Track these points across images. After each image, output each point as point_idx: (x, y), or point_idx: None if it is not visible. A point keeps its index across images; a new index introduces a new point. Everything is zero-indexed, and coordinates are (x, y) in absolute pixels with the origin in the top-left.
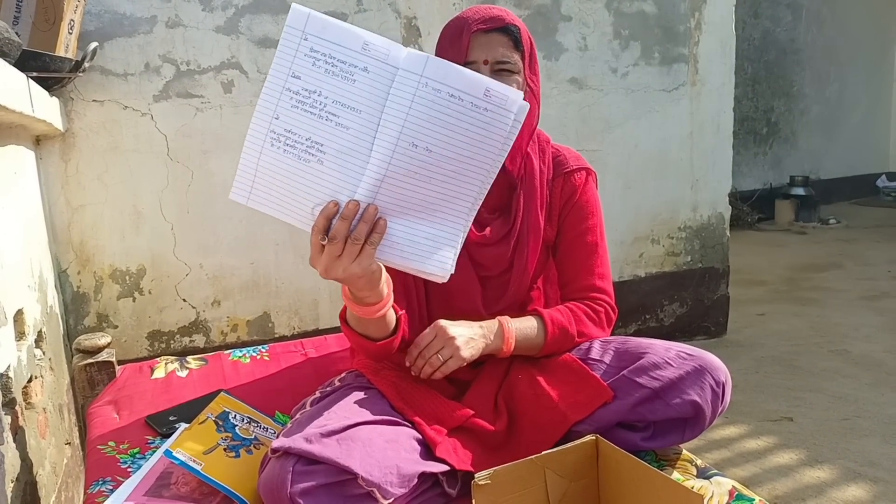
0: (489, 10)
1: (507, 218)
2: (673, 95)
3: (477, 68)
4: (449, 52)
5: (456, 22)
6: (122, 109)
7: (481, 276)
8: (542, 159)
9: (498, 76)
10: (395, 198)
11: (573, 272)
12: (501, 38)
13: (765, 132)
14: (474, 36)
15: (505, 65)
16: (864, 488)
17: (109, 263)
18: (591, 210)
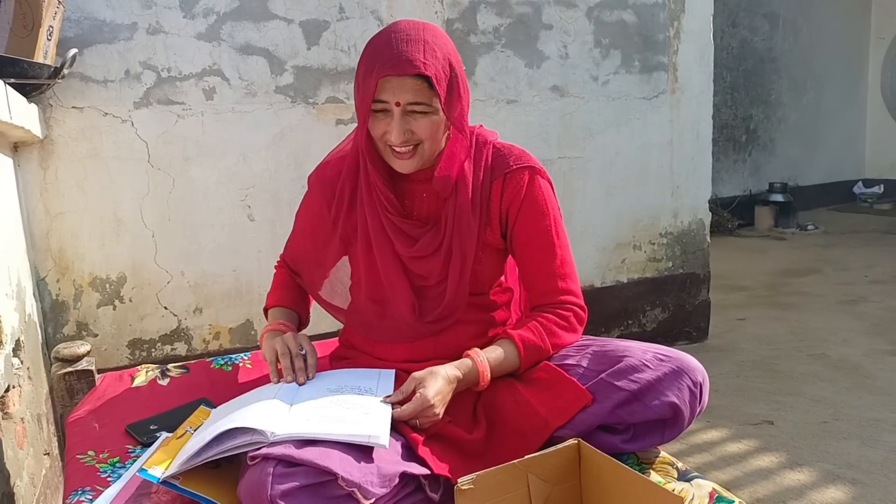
0: (404, 47)
1: (438, 231)
2: (653, 103)
3: (388, 107)
4: (361, 88)
5: (369, 56)
6: (102, 116)
7: (417, 286)
8: (476, 163)
9: (411, 116)
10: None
11: (534, 277)
12: (414, 81)
13: (744, 139)
14: (384, 80)
15: (417, 107)
16: (843, 490)
17: (89, 271)
18: (542, 210)
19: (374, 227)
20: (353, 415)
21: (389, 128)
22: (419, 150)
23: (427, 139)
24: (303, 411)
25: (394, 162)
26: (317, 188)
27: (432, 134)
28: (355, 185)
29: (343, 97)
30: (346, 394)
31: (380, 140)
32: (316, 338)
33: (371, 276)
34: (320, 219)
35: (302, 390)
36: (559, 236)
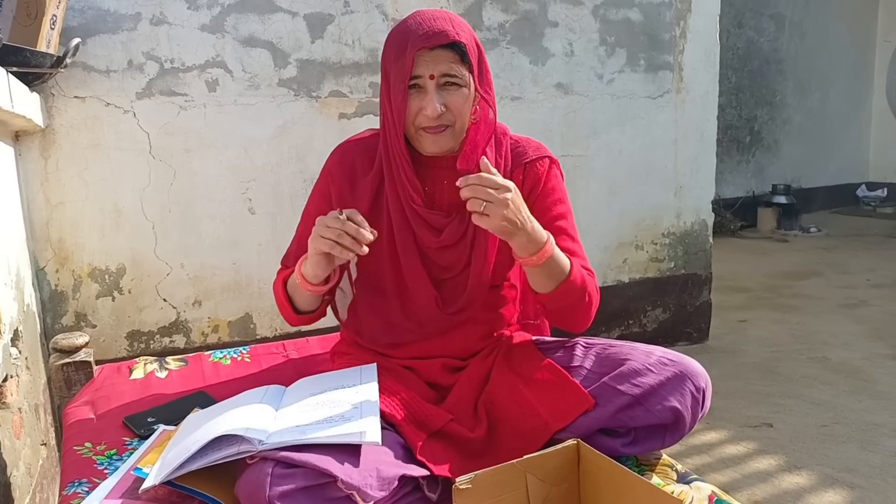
0: (433, 23)
1: (463, 218)
2: (658, 102)
3: (423, 83)
4: (394, 67)
5: (399, 36)
6: (105, 106)
7: (437, 278)
8: (497, 152)
9: (444, 90)
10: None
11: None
12: (447, 53)
13: (748, 140)
14: (419, 53)
15: (452, 78)
16: (842, 494)
17: (88, 262)
18: (559, 197)
19: (398, 218)
20: (340, 415)
21: (424, 103)
22: (451, 129)
23: (458, 115)
24: (289, 417)
25: (425, 141)
26: (336, 173)
27: (463, 108)
28: (380, 174)
29: (346, 91)
30: (330, 395)
31: (412, 123)
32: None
33: (393, 268)
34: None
35: (287, 396)
36: (574, 226)
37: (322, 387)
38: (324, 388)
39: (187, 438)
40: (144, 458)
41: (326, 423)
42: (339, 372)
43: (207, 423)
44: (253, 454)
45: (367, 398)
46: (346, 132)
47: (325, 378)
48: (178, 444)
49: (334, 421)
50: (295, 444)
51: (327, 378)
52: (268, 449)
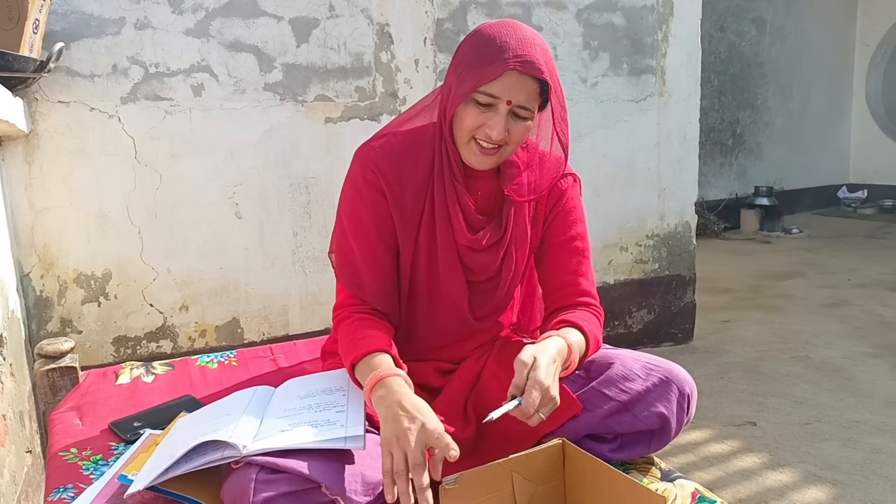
0: (530, 51)
1: (499, 225)
2: (641, 106)
3: (496, 102)
4: (473, 70)
5: (492, 42)
6: (89, 111)
7: (469, 280)
8: (540, 173)
9: (512, 117)
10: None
11: (565, 278)
12: (531, 83)
13: (730, 143)
14: (507, 73)
15: (523, 111)
16: (824, 491)
17: (74, 267)
18: (579, 216)
19: (441, 214)
20: (325, 420)
21: (491, 123)
22: (501, 151)
23: (514, 143)
24: (274, 422)
25: (473, 156)
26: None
27: (521, 139)
28: (431, 167)
29: (332, 95)
30: (316, 398)
31: (469, 132)
32: (303, 336)
33: (431, 265)
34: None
35: (273, 400)
36: (589, 245)
37: (309, 389)
38: (311, 391)
39: (172, 444)
40: (131, 463)
41: (311, 427)
42: (326, 374)
43: (194, 427)
44: (237, 459)
45: (354, 402)
46: (332, 136)
47: (312, 380)
48: (164, 449)
49: (319, 425)
50: (279, 450)
51: (315, 380)
52: (252, 454)
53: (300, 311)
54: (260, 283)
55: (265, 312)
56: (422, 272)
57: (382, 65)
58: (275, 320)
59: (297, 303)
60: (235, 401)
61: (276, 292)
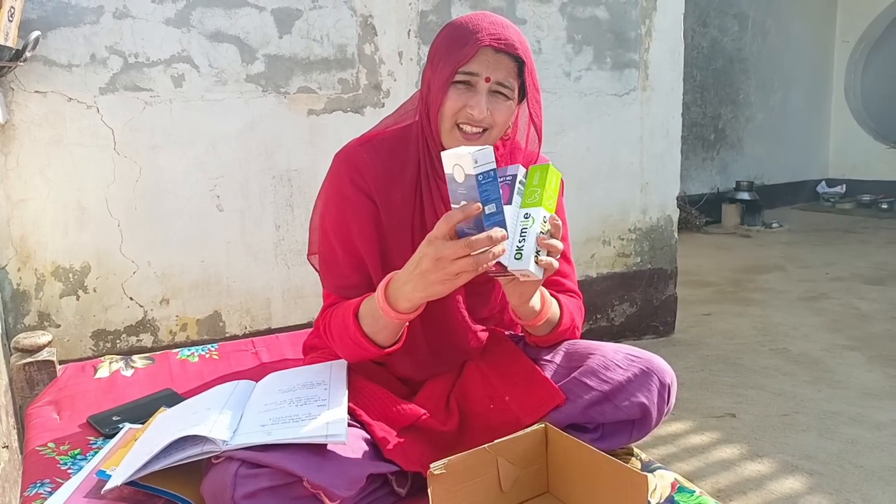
0: (503, 30)
1: None
2: (624, 100)
3: (476, 82)
4: (449, 56)
5: (462, 28)
6: (67, 101)
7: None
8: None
9: (492, 97)
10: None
11: (550, 279)
12: (508, 62)
13: (712, 138)
14: (483, 50)
15: (503, 89)
16: (801, 481)
17: (52, 260)
18: (562, 216)
19: (431, 217)
20: (307, 414)
21: (472, 102)
22: (485, 136)
23: (498, 126)
24: (255, 417)
25: (457, 144)
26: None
27: (505, 121)
28: (418, 169)
29: (315, 87)
30: (297, 392)
31: (451, 116)
32: (285, 329)
33: None
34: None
35: (254, 394)
36: (569, 243)
37: (291, 383)
38: (292, 385)
39: (151, 440)
40: (110, 458)
41: (293, 421)
42: (308, 368)
43: (173, 422)
44: (218, 454)
45: (336, 396)
46: (315, 129)
47: (294, 374)
48: (144, 444)
49: (301, 420)
50: (260, 444)
51: (296, 374)
52: (232, 449)
53: (283, 304)
54: (242, 277)
55: (247, 306)
56: None
57: (366, 57)
58: (257, 314)
59: (279, 296)
60: (216, 395)
61: (258, 286)
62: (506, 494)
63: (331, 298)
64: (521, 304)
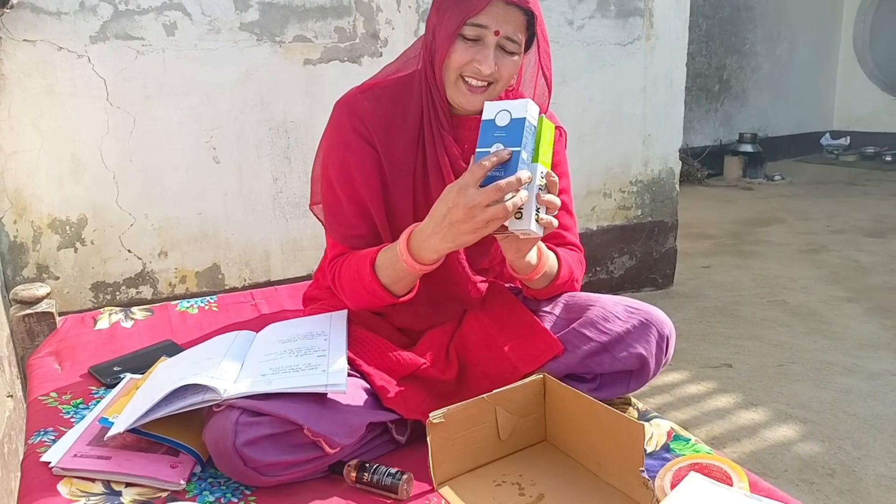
0: None
1: None
2: (628, 49)
3: (484, 35)
4: (454, 6)
5: None
6: (57, 51)
7: None
8: None
9: (499, 52)
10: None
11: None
12: (517, 15)
13: (717, 89)
14: (494, 2)
15: (510, 44)
16: (794, 429)
17: (48, 213)
18: (564, 170)
19: (433, 165)
20: (307, 364)
21: (479, 56)
22: (490, 90)
23: (503, 79)
24: (255, 366)
25: (461, 96)
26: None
27: (510, 75)
28: (420, 117)
29: (311, 36)
30: (298, 342)
31: (456, 69)
32: (285, 282)
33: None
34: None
35: (254, 344)
36: (572, 195)
37: (291, 334)
38: (293, 336)
39: (153, 388)
40: (112, 406)
41: (293, 371)
42: (309, 318)
43: (174, 371)
44: (219, 402)
45: (336, 346)
46: (311, 78)
47: (294, 324)
48: (145, 393)
49: (301, 369)
50: (261, 393)
51: (297, 325)
52: (233, 397)
53: (281, 256)
54: (240, 229)
55: (246, 258)
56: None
57: (363, 4)
58: (256, 266)
59: (278, 249)
60: (216, 345)
61: (256, 238)
62: (504, 442)
63: (337, 248)
64: (518, 258)
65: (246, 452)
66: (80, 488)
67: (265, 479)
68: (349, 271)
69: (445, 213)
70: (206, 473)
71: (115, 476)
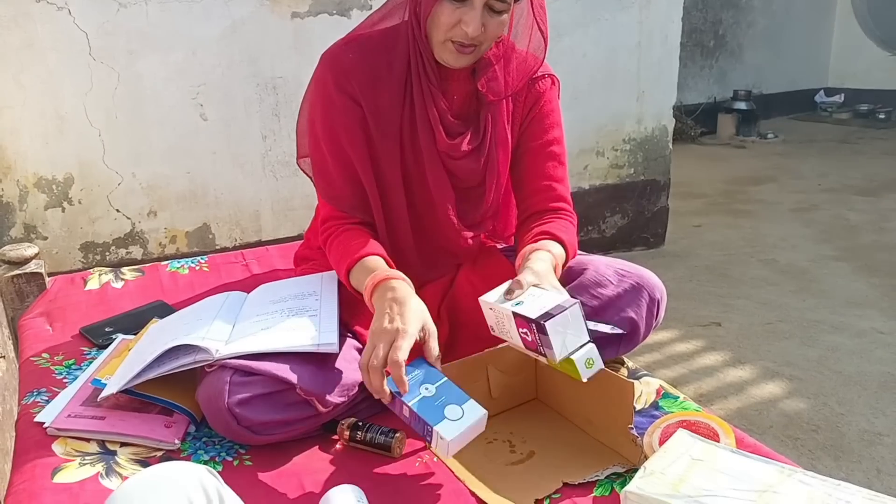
0: None
1: (477, 130)
2: (622, 3)
3: None
4: None
5: None
6: (36, 2)
7: (456, 186)
8: (506, 69)
9: (486, 11)
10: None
11: (541, 183)
12: None
13: (712, 45)
14: None
15: (498, 3)
16: (781, 385)
17: (33, 171)
18: (556, 120)
19: (422, 119)
20: (298, 324)
21: (466, 18)
22: (477, 49)
23: (490, 39)
24: (247, 326)
25: (448, 54)
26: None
27: (497, 34)
28: (407, 70)
29: None
30: (289, 302)
31: (444, 29)
32: (276, 242)
33: (419, 173)
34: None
35: (245, 305)
36: (565, 147)
37: (282, 294)
38: (284, 296)
39: (145, 349)
40: (104, 367)
41: (285, 331)
42: (300, 279)
43: (166, 332)
44: (211, 363)
45: (327, 306)
46: (299, 33)
47: (285, 285)
48: (137, 354)
49: (293, 329)
50: (253, 353)
51: (288, 285)
52: (225, 357)
53: (272, 216)
54: (230, 189)
55: (236, 218)
56: (410, 180)
57: None
58: (246, 226)
59: (268, 208)
60: (208, 306)
61: (246, 197)
62: (495, 400)
63: (326, 209)
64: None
65: (239, 412)
66: (75, 448)
67: (258, 438)
68: (335, 254)
69: (370, 349)
70: (200, 433)
71: (109, 436)
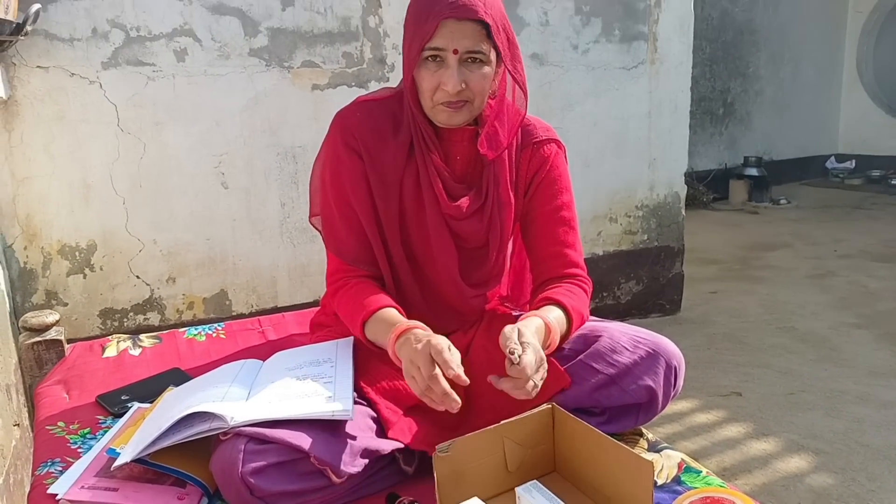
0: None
1: (479, 192)
2: (632, 73)
3: (444, 56)
4: (415, 33)
5: (420, 5)
6: (69, 76)
7: (459, 246)
8: (509, 129)
9: (466, 66)
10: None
11: (553, 249)
12: (474, 27)
13: (721, 112)
14: (443, 23)
15: (475, 55)
16: (807, 459)
17: (58, 238)
18: (565, 185)
19: (425, 180)
20: (313, 390)
21: (444, 78)
22: (469, 105)
23: (478, 93)
24: (262, 393)
25: (441, 115)
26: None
27: (484, 87)
28: (410, 137)
29: (319, 61)
30: (304, 369)
31: (429, 94)
32: (292, 308)
33: (421, 231)
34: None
35: (261, 372)
36: (575, 213)
37: (297, 361)
38: (299, 363)
39: (160, 416)
40: (119, 436)
41: (300, 398)
42: (315, 346)
43: (182, 400)
44: (226, 430)
45: (342, 373)
46: (319, 104)
47: (301, 352)
48: (152, 422)
49: (307, 396)
50: (268, 421)
51: (303, 352)
52: (240, 425)
53: (289, 282)
54: (248, 255)
55: (253, 284)
56: (414, 238)
57: (370, 30)
58: (263, 292)
59: (285, 274)
60: (224, 373)
61: (264, 264)
62: (512, 474)
63: (334, 262)
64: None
65: (252, 481)
66: None
67: None
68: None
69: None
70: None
71: None
